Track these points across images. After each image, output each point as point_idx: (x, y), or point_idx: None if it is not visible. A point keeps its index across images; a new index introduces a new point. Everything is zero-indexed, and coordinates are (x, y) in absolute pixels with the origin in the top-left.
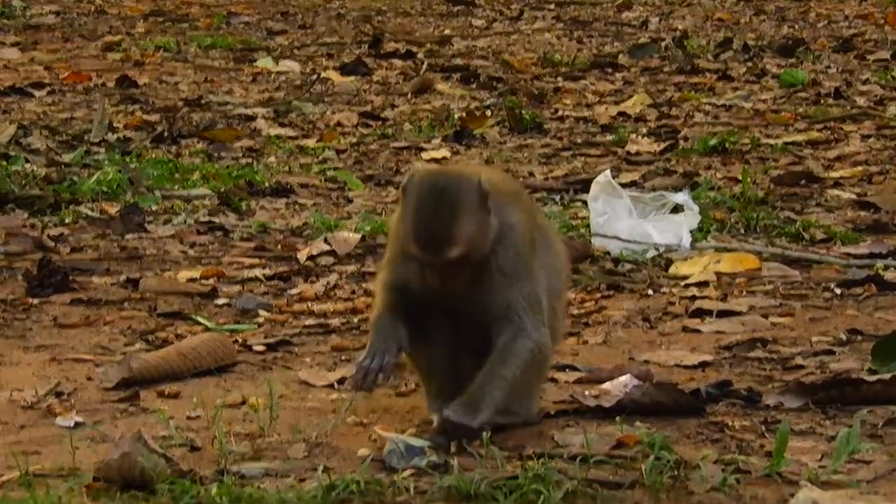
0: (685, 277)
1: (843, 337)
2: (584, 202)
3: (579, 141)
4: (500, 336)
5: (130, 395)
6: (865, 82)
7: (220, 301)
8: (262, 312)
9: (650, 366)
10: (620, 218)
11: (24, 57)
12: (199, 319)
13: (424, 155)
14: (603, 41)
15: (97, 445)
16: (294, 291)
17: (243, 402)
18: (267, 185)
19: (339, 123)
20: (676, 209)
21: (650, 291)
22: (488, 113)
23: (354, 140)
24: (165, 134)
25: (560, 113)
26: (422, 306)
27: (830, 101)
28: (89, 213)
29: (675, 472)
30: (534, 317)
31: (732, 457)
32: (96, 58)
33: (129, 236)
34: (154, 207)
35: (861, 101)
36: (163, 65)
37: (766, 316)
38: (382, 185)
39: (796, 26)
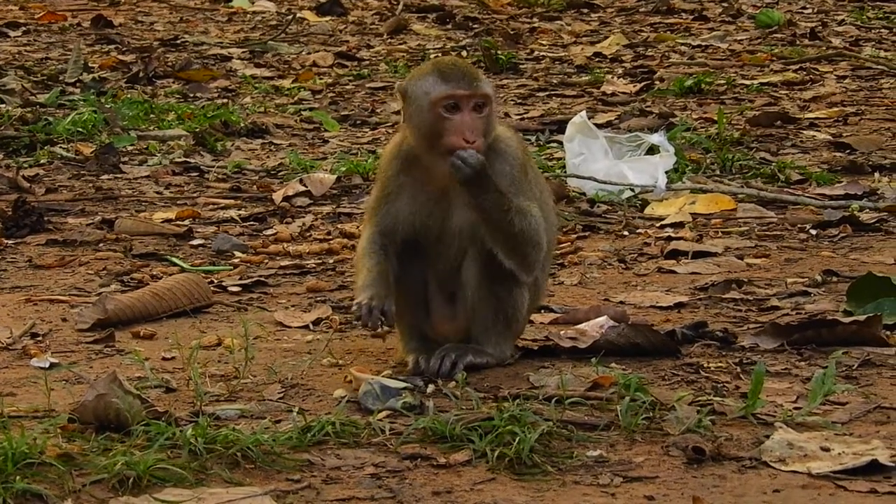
0: (661, 218)
1: (819, 278)
2: (560, 143)
3: (555, 81)
4: None
5: (105, 336)
6: (841, 23)
7: (196, 242)
8: (238, 253)
9: (625, 307)
10: (596, 159)
11: None
12: (175, 260)
13: None
14: None
15: (72, 386)
16: (269, 232)
17: (218, 343)
18: (242, 125)
19: (314, 64)
20: (652, 150)
21: (626, 232)
22: (464, 53)
23: (330, 80)
24: (141, 74)
25: (536, 53)
26: (403, 242)
27: (806, 41)
28: (64, 153)
29: (651, 414)
30: (542, 219)
31: (707, 398)
32: None
33: (104, 177)
34: (129, 148)
35: (837, 41)
36: (138, 4)
37: (741, 257)
38: (358, 126)
39: None
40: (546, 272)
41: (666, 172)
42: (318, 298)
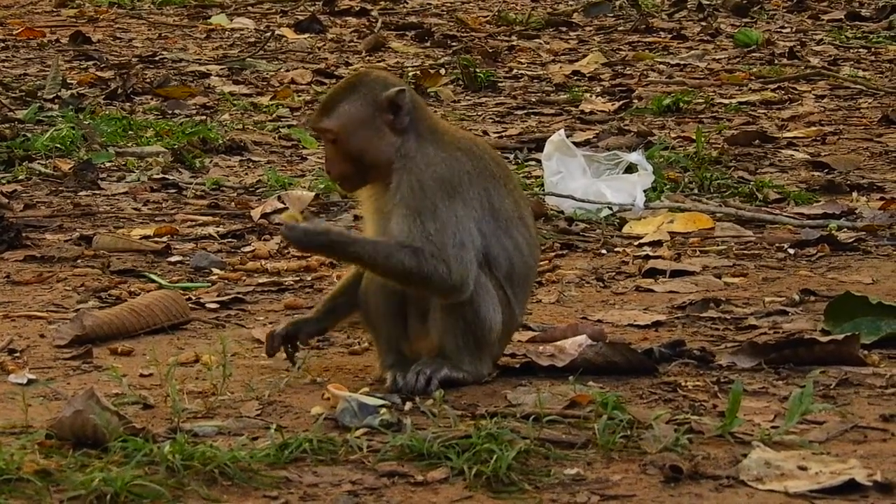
0: (639, 237)
1: (796, 297)
2: (538, 161)
3: (533, 100)
4: None
5: (83, 353)
6: (819, 42)
7: (174, 258)
8: (216, 270)
9: (603, 325)
10: (574, 177)
11: None
12: (153, 277)
13: None
14: None
15: (50, 403)
16: (247, 249)
17: (196, 360)
18: (221, 142)
19: (293, 81)
20: (630, 169)
21: (604, 251)
22: (442, 71)
23: (308, 98)
24: (119, 91)
25: (514, 71)
26: None
27: (784, 61)
28: (43, 169)
29: (628, 432)
30: (432, 246)
31: (685, 417)
32: (50, 13)
33: (82, 193)
34: (108, 164)
35: (815, 61)
36: (117, 21)
37: (719, 276)
38: None
39: None
40: (524, 294)
41: (644, 191)
42: (296, 315)
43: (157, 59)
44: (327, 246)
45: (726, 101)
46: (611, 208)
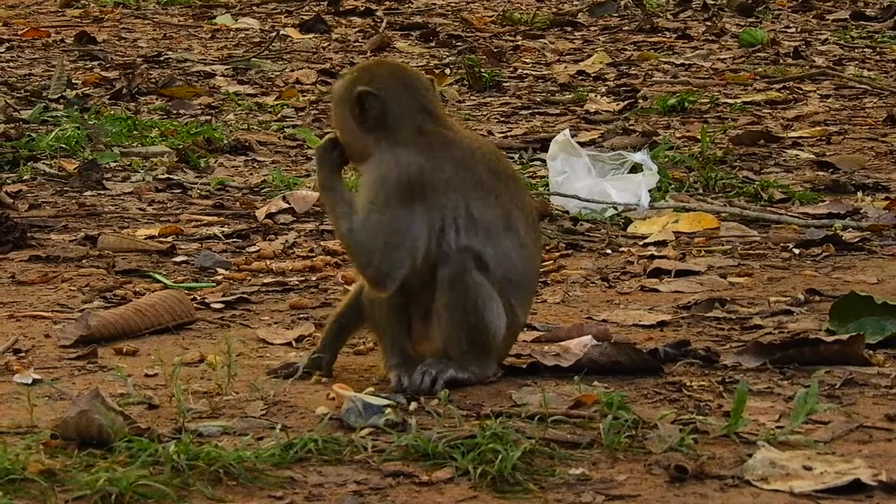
0: (643, 237)
1: (801, 297)
2: (543, 161)
3: (538, 100)
4: None
5: (88, 353)
6: (824, 42)
7: (179, 259)
8: (221, 270)
9: (608, 325)
10: (579, 177)
11: None
12: (158, 277)
13: None
14: None
15: (55, 403)
16: (252, 249)
17: (201, 360)
18: (226, 142)
19: (297, 81)
20: (635, 168)
21: (608, 251)
22: (447, 71)
23: (313, 98)
24: (124, 91)
25: (519, 71)
26: None
27: (789, 60)
28: (48, 169)
29: (633, 432)
30: (364, 233)
31: (690, 417)
32: (55, 14)
33: (87, 193)
34: (112, 164)
35: (820, 60)
36: (122, 21)
37: (724, 276)
38: None
39: None
40: (524, 296)
41: (649, 191)
42: (301, 315)
43: (161, 59)
44: (319, 177)
45: (731, 101)
46: (616, 208)
